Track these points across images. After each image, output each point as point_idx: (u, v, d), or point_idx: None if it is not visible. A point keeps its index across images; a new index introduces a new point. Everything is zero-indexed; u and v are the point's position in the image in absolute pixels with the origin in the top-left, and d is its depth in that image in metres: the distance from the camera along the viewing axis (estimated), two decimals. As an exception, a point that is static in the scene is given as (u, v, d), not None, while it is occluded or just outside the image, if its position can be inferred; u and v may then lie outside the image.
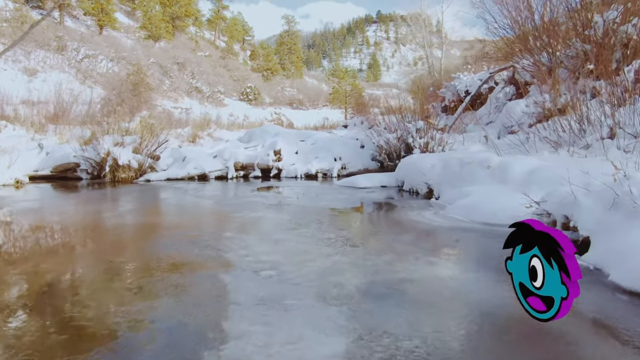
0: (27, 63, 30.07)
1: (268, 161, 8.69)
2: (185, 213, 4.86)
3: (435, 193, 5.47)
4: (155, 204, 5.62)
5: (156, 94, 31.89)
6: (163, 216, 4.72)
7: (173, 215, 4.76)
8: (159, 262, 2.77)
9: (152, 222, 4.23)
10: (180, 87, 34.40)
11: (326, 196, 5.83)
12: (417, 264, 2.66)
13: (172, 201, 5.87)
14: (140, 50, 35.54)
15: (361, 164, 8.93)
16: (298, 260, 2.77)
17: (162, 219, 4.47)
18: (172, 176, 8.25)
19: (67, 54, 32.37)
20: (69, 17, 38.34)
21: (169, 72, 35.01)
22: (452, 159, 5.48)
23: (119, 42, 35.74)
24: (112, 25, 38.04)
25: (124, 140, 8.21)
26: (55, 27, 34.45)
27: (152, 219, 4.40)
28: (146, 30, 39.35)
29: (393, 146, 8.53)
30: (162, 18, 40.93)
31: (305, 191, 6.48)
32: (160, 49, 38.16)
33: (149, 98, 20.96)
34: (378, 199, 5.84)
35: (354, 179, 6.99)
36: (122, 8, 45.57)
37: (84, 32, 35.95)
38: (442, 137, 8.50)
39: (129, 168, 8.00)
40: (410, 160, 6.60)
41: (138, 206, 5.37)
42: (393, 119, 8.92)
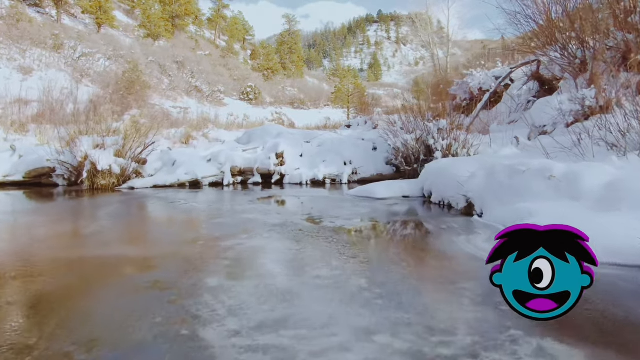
0: (23, 61, 28.95)
1: (269, 165, 7.57)
2: (160, 240, 3.73)
3: (477, 208, 4.35)
4: (128, 225, 4.49)
5: (155, 93, 30.79)
6: (130, 246, 3.59)
7: (144, 245, 3.63)
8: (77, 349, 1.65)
9: (111, 256, 3.10)
10: (179, 87, 33.27)
11: (341, 211, 4.71)
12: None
13: (151, 219, 4.76)
14: (139, 48, 34.41)
15: (374, 169, 7.81)
16: (321, 345, 1.65)
17: (128, 251, 3.34)
18: (160, 183, 7.13)
19: (63, 53, 31.30)
20: (67, 15, 37.28)
21: (168, 71, 33.90)
22: (498, 166, 4.35)
23: (117, 40, 34.62)
24: (110, 23, 36.92)
25: (104, 142, 7.09)
26: (52, 25, 33.37)
27: (114, 251, 3.28)
28: (145, 29, 38.20)
29: (411, 148, 7.41)
30: (162, 17, 39.79)
31: (314, 203, 5.36)
32: (160, 48, 37.03)
33: (146, 96, 19.84)
34: (405, 215, 4.72)
35: (370, 188, 5.87)
36: (121, 7, 44.45)
37: (82, 30, 34.86)
38: (466, 139, 7.38)
39: (109, 174, 6.88)
40: (439, 166, 5.48)
41: (105, 227, 4.25)
42: (410, 118, 7.81)
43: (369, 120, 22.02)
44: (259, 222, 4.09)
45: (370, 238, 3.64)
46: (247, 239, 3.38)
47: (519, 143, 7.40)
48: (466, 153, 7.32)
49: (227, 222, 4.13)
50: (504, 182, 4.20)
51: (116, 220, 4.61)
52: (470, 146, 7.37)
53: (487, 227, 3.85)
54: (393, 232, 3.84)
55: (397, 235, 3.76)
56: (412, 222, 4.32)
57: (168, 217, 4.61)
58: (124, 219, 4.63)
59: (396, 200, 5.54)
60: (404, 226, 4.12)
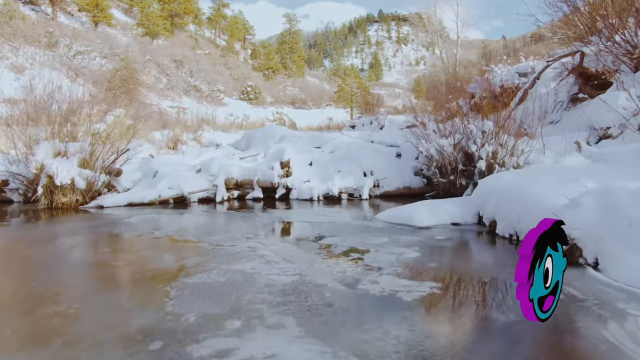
0: (15, 60, 27.46)
1: (272, 177, 6.03)
2: (90, 335, 2.20)
3: (587, 254, 2.82)
4: (63, 280, 2.95)
5: (152, 92, 29.27)
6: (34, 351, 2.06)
7: (55, 346, 2.10)
8: None
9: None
10: (177, 86, 31.72)
11: (377, 255, 3.18)
12: None
13: (103, 266, 3.22)
14: (137, 47, 32.80)
15: (400, 180, 6.29)
16: None
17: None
18: (136, 200, 5.59)
19: (58, 51, 29.77)
20: (64, 13, 35.75)
21: (166, 70, 32.33)
22: (620, 192, 2.83)
23: (114, 38, 33.04)
24: (107, 21, 35.34)
25: (67, 149, 5.56)
26: (46, 23, 31.81)
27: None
28: (143, 27, 36.58)
29: (448, 156, 5.89)
30: (160, 15, 38.18)
31: (336, 236, 3.82)
32: (158, 47, 35.44)
33: (139, 95, 18.28)
34: (469, 260, 3.21)
35: (407, 212, 4.33)
36: (119, 5, 42.84)
37: (77, 28, 33.30)
38: (515, 144, 5.86)
39: (72, 189, 5.35)
40: (504, 184, 3.94)
41: (26, 288, 2.72)
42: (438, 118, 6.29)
43: (374, 120, 20.51)
44: (260, 283, 2.55)
45: (452, 331, 2.10)
46: (238, 340, 1.85)
47: (580, 149, 5.89)
48: (515, 162, 5.80)
49: (210, 284, 2.58)
50: (635, 217, 2.68)
51: (53, 273, 3.07)
52: (520, 153, 5.86)
53: (624, 291, 2.35)
54: (476, 309, 2.30)
55: (498, 323, 2.20)
56: (492, 278, 2.79)
57: (116, 272, 3.06)
58: (63, 272, 3.08)
59: (444, 229, 4.02)
60: (495, 291, 2.59)
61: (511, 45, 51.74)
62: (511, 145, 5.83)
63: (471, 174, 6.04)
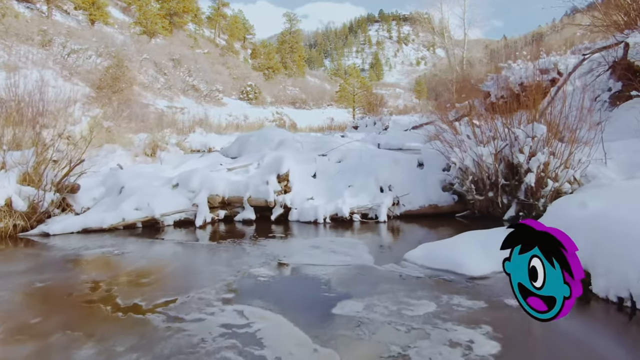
0: (7, 58, 26.18)
1: (267, 193, 4.75)
2: None
3: None
4: None
5: (148, 91, 27.99)
6: None
7: None
8: None
9: None
10: (175, 85, 30.41)
11: (424, 343, 1.93)
12: None
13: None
14: (133, 46, 31.48)
15: (424, 197, 5.00)
16: None
17: None
18: (93, 225, 4.31)
19: (52, 49, 28.48)
20: (59, 11, 34.46)
21: (163, 69, 31.01)
22: None
23: (110, 37, 31.72)
24: (104, 20, 34.04)
25: (4, 160, 4.29)
26: (40, 21, 30.51)
27: None
28: (141, 26, 35.25)
29: (487, 168, 4.62)
30: (159, 13, 36.86)
31: (352, 294, 2.56)
32: (156, 45, 34.13)
33: (132, 94, 17.00)
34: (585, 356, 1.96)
35: (449, 250, 3.06)
36: (117, 4, 41.51)
37: (73, 26, 32.02)
38: (572, 153, 4.59)
39: (9, 212, 4.09)
40: (603, 214, 2.67)
41: None
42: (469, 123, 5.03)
43: (378, 120, 19.22)
44: None
45: None
46: None
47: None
48: (572, 177, 4.53)
49: None
50: None
51: None
52: (576, 164, 4.59)
53: None
54: None
55: None
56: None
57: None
58: None
59: (500, 276, 2.76)
60: None
61: (512, 45, 50.48)
62: (566, 154, 4.56)
63: (514, 189, 4.78)
